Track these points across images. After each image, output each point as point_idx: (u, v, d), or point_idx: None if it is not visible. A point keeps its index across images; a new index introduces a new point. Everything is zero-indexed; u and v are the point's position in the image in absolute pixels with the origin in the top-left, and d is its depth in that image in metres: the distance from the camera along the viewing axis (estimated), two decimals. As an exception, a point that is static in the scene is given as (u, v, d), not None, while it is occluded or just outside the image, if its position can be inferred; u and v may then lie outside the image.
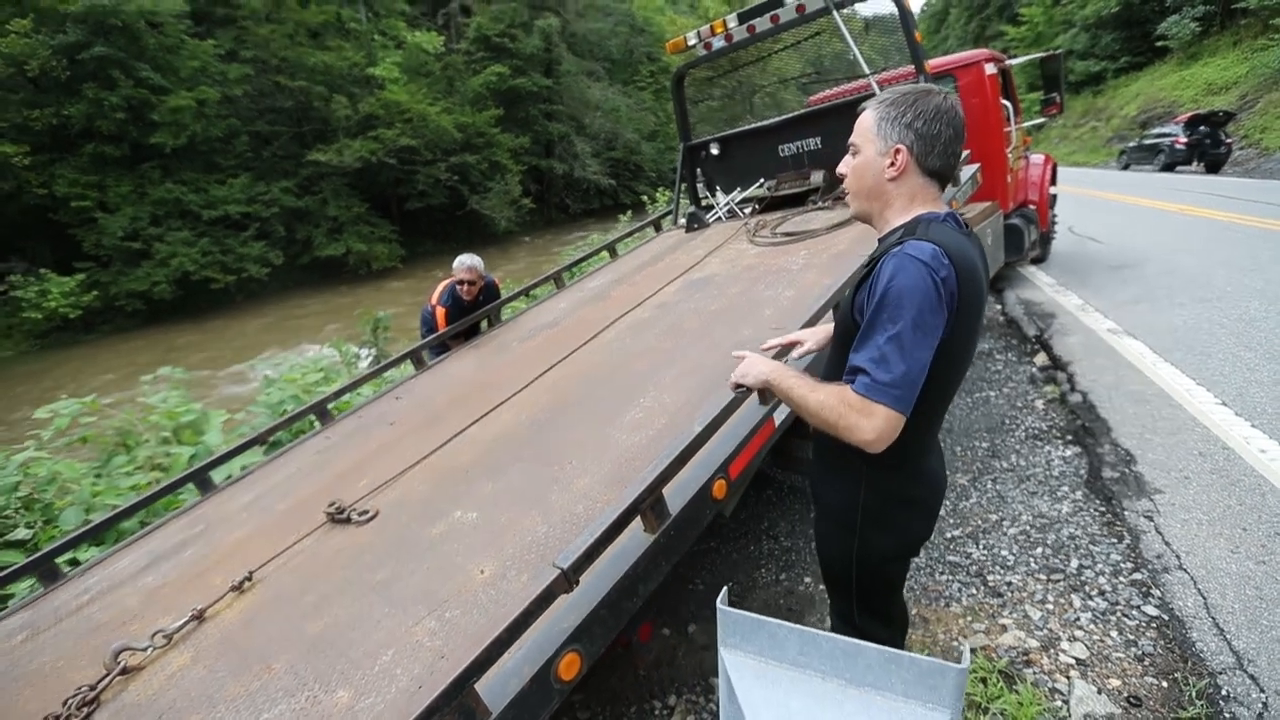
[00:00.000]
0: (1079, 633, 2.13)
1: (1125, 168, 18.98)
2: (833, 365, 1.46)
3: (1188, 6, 23.21)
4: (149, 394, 5.15)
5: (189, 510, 2.41)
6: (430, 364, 3.30)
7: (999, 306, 6.19)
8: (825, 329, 1.74)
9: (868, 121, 1.30)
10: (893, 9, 3.80)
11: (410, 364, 3.33)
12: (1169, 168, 16.39)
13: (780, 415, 1.73)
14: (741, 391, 1.48)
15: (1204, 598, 2.14)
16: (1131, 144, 19.16)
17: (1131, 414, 3.51)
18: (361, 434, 2.57)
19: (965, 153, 3.72)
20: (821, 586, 2.64)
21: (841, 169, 1.41)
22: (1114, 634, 2.11)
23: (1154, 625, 2.11)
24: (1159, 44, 24.52)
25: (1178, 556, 2.36)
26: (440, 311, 4.05)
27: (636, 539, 1.31)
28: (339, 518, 1.83)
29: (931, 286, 1.13)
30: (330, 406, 2.90)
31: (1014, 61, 6.35)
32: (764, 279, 2.84)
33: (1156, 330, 4.70)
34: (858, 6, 4.05)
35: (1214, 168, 15.35)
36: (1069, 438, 3.49)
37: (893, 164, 1.28)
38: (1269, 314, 4.60)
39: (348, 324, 15.38)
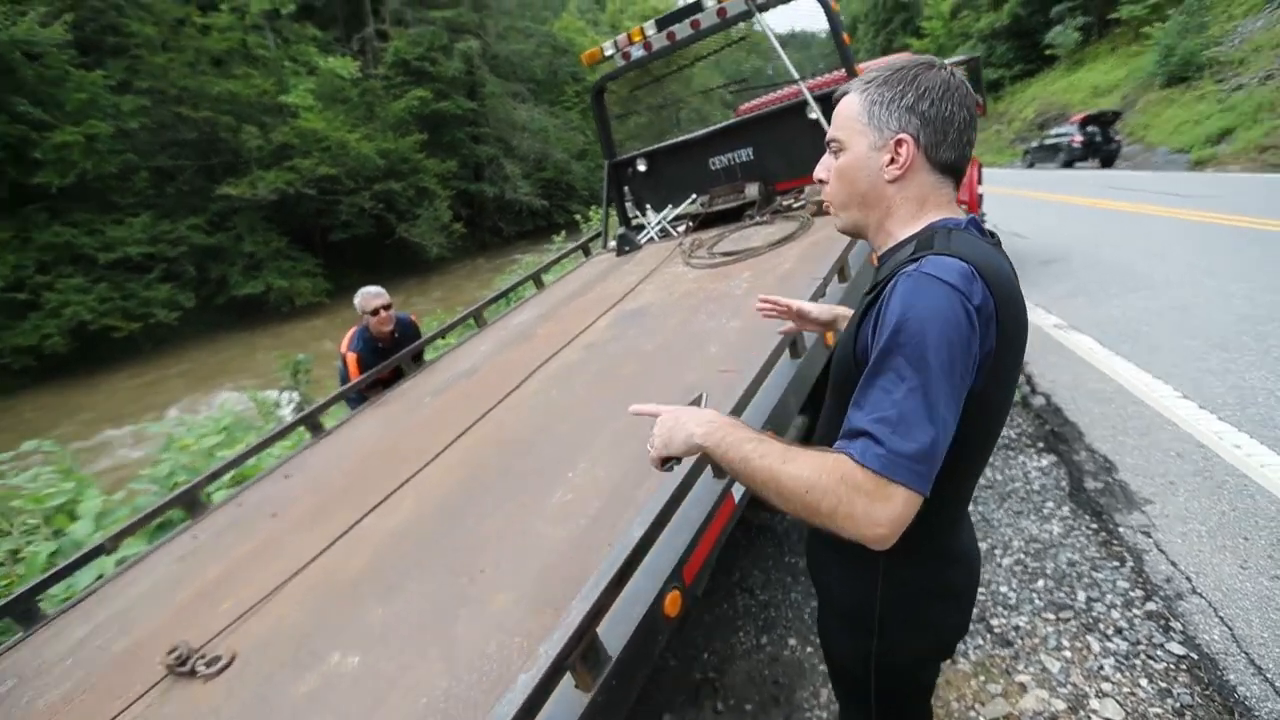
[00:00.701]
0: (1106, 685, 1.86)
1: (1030, 166, 20.18)
2: (830, 422, 1.13)
3: (1069, 17, 25.19)
4: (9, 475, 4.37)
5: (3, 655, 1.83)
6: (329, 430, 2.80)
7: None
8: (838, 310, 1.38)
9: (852, 108, 0.98)
10: (809, 22, 3.64)
11: (305, 430, 2.82)
12: (1069, 164, 17.54)
13: (741, 488, 1.38)
14: (672, 469, 1.04)
15: (1229, 628, 1.92)
16: (1034, 144, 20.39)
17: (1099, 415, 3.37)
18: (237, 530, 2.04)
19: None
20: (810, 649, 2.31)
21: (820, 173, 1.08)
22: (1144, 683, 1.85)
23: (1184, 667, 1.87)
24: (1047, 52, 26.43)
25: (1188, 579, 2.14)
26: (352, 359, 3.56)
27: (566, 702, 0.91)
28: (181, 670, 1.35)
29: (963, 316, 0.80)
30: (206, 492, 2.36)
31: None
32: (704, 307, 2.53)
33: (1100, 323, 4.69)
34: (776, 21, 3.85)
35: (1108, 162, 16.55)
36: (1040, 445, 3.31)
37: (894, 160, 0.95)
38: (1198, 299, 4.66)
39: (269, 367, 14.25)
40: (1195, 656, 1.88)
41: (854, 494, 0.79)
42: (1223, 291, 4.67)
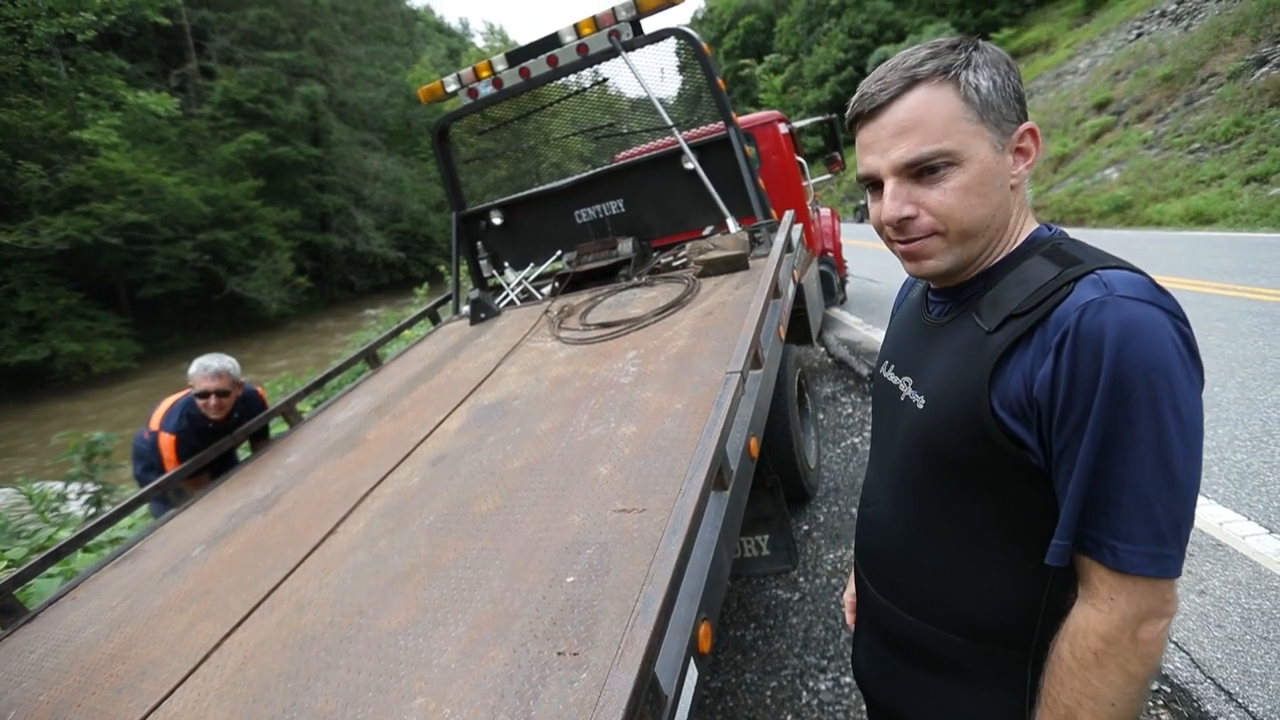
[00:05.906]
0: (1101, 737, 1.78)
1: (861, 220, 22.86)
2: (913, 502, 0.86)
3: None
4: None
5: None
6: (33, 611, 1.89)
7: (823, 349, 6.44)
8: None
9: (949, 106, 0.71)
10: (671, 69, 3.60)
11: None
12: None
13: None
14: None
15: (1186, 653, 1.95)
16: (862, 201, 23.22)
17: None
18: None
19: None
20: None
21: (905, 209, 0.75)
22: (1132, 727, 1.79)
23: (1163, 702, 1.84)
24: (865, 124, 30.69)
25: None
26: (167, 440, 2.77)
27: None
28: None
29: (1185, 349, 0.63)
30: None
31: (798, 124, 6.92)
32: (584, 403, 1.95)
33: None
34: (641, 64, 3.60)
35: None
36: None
37: (1017, 158, 0.76)
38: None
39: (58, 450, 11.52)
40: (1169, 689, 1.87)
41: (1142, 627, 0.64)
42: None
